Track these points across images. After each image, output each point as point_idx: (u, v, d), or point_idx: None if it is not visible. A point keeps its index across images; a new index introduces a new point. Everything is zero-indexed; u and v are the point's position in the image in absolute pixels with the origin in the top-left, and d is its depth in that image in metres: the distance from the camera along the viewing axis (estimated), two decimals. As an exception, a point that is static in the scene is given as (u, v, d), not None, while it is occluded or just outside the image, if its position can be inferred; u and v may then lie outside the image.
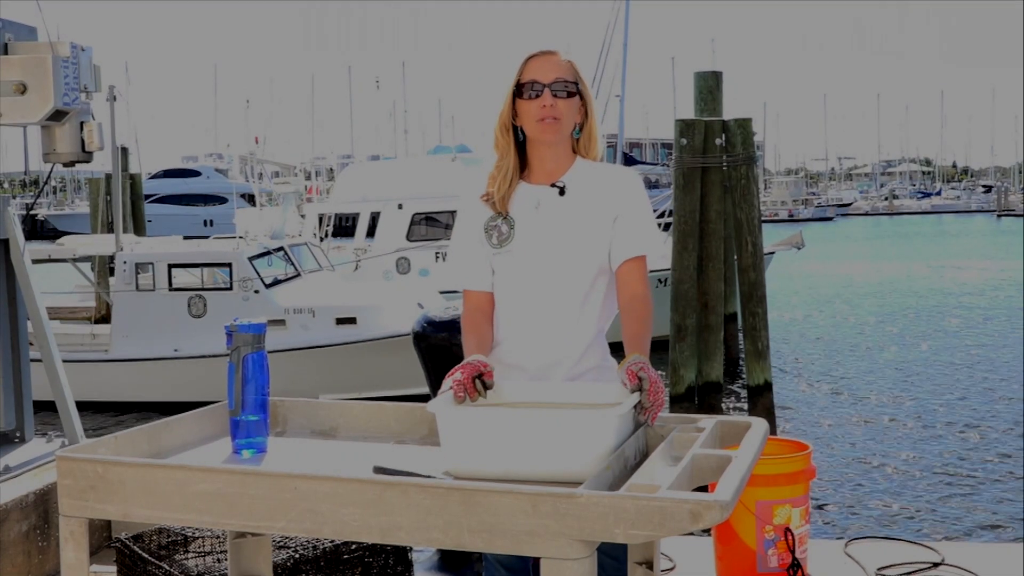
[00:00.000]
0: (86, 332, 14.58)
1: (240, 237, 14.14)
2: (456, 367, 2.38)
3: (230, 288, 13.39)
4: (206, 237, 16.78)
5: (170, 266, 13.50)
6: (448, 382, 2.35)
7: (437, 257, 18.40)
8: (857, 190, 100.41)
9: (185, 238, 16.02)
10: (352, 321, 13.20)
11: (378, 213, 19.47)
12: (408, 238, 18.97)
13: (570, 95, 2.55)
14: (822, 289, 27.59)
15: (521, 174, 2.65)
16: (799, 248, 17.85)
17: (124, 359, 13.45)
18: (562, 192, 2.60)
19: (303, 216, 19.92)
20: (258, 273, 13.41)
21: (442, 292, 14.04)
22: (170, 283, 13.49)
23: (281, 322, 12.94)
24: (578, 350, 2.60)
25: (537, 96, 2.53)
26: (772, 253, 17.24)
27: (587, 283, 2.59)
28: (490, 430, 2.15)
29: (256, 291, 13.31)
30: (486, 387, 2.35)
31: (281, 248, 14.24)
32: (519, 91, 2.56)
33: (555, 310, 2.58)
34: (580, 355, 2.60)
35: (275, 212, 15.43)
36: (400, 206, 19.12)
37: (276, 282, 13.71)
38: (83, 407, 4.62)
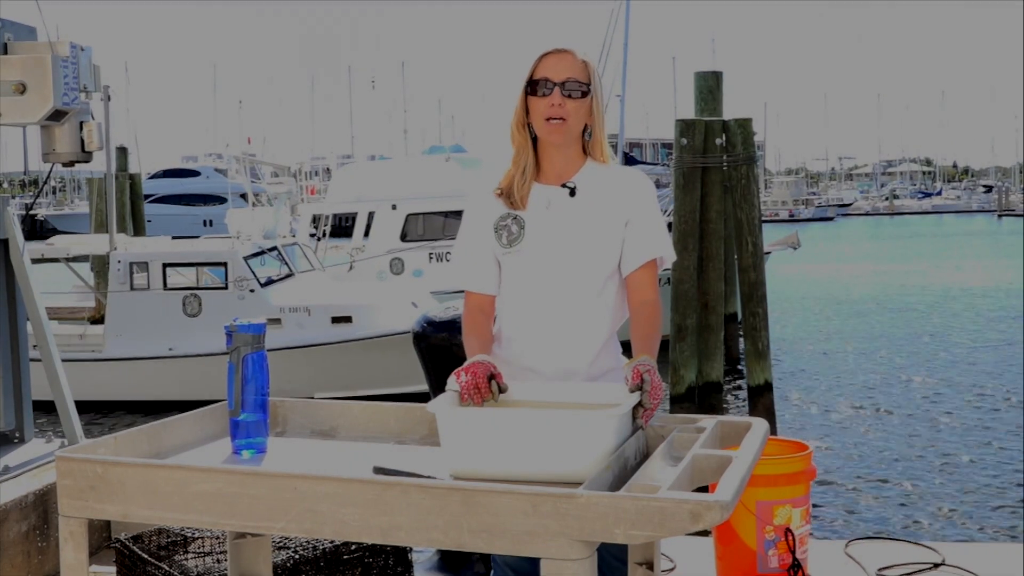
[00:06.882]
0: (76, 332, 14.52)
1: (235, 237, 14.13)
2: (462, 368, 2.35)
3: (225, 287, 13.39)
4: (196, 237, 16.74)
5: (165, 265, 13.48)
6: (454, 382, 2.31)
7: (431, 258, 18.36)
8: (857, 190, 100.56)
9: (174, 238, 15.98)
10: (347, 320, 13.20)
11: (374, 213, 19.46)
12: (402, 238, 18.93)
13: (583, 95, 2.51)
14: (823, 289, 27.58)
15: None
16: (795, 248, 17.88)
17: (119, 358, 13.43)
18: (572, 193, 2.57)
19: (298, 216, 19.88)
20: (254, 272, 13.40)
21: (433, 293, 14.02)
22: (165, 283, 13.47)
23: (277, 321, 12.93)
24: (591, 352, 2.58)
25: (547, 94, 2.49)
26: (768, 253, 17.25)
27: (599, 284, 2.57)
28: (490, 430, 2.14)
29: (251, 290, 13.30)
30: (501, 390, 2.33)
31: (275, 248, 14.23)
32: (531, 88, 2.52)
33: (567, 311, 2.56)
34: (594, 358, 2.58)
35: (267, 212, 15.43)
36: (394, 206, 19.06)
37: (270, 281, 13.71)
38: (79, 407, 4.60)
